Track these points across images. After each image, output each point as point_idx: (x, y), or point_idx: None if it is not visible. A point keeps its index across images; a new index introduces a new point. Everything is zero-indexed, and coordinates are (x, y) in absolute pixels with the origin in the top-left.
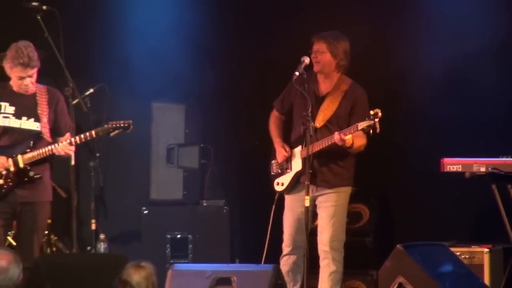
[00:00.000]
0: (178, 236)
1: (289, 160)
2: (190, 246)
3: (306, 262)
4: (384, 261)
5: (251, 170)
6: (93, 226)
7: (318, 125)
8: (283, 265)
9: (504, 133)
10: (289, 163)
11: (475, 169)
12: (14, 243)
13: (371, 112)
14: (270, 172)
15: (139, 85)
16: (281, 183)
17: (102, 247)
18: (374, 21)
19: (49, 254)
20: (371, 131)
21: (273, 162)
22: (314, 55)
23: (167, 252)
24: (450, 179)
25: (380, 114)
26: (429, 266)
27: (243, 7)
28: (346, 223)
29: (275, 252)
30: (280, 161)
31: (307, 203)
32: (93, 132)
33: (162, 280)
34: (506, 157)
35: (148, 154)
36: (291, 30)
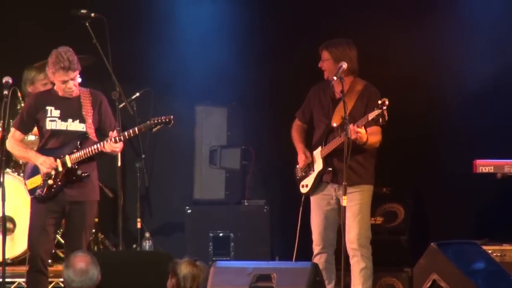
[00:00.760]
0: (220, 234)
1: (311, 163)
2: (232, 244)
3: (343, 260)
4: (418, 259)
5: (291, 171)
6: (138, 225)
7: (335, 124)
8: (317, 263)
9: None
10: (311, 166)
11: (507, 170)
12: (63, 241)
13: (379, 101)
14: (295, 176)
15: (183, 88)
16: (305, 185)
17: (147, 245)
18: (409, 26)
19: (96, 252)
20: (381, 120)
21: (297, 166)
22: (320, 64)
23: (210, 250)
24: (482, 180)
25: (387, 102)
26: (462, 264)
27: (288, 11)
28: (381, 222)
29: (304, 254)
30: (301, 165)
31: (344, 203)
32: (136, 128)
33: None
34: None
35: (191, 155)
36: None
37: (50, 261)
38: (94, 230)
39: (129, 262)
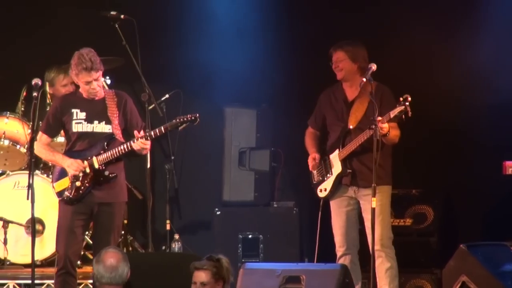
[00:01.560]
0: (250, 236)
1: (329, 166)
2: (261, 245)
3: (372, 261)
4: (448, 260)
5: None
6: (167, 226)
7: (351, 126)
8: None
9: None
10: (329, 169)
11: None
12: (91, 243)
13: (401, 98)
14: (312, 181)
15: (213, 90)
16: (324, 189)
17: (176, 247)
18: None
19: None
20: (404, 116)
21: (313, 172)
22: (335, 65)
23: (239, 251)
24: (511, 181)
25: (409, 99)
26: (491, 265)
27: (317, 14)
28: (410, 224)
29: (327, 259)
30: (310, 169)
31: (374, 205)
32: (162, 127)
33: (234, 278)
34: None
35: (221, 157)
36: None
37: (79, 262)
38: (123, 232)
39: (158, 263)
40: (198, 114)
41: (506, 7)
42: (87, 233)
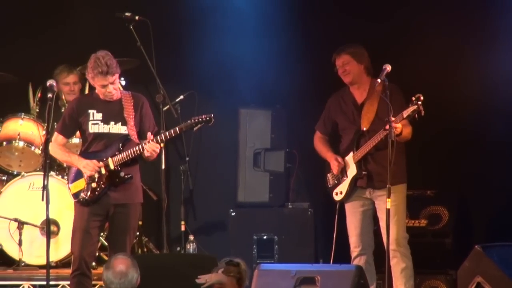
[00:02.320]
0: (264, 237)
1: (343, 169)
2: (276, 246)
3: (387, 261)
4: (463, 261)
5: None
6: (182, 228)
7: (364, 128)
8: None
9: None
10: (344, 172)
11: None
12: (106, 244)
13: (413, 97)
14: (327, 185)
15: (227, 91)
16: (339, 192)
17: (191, 248)
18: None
19: (140, 255)
20: (416, 116)
21: (328, 175)
22: (342, 69)
23: (254, 252)
24: None
25: (422, 98)
26: (507, 266)
27: (332, 16)
28: (425, 225)
29: (342, 261)
30: (335, 172)
31: (388, 205)
32: (177, 128)
33: (248, 279)
34: None
35: (235, 158)
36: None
37: (94, 263)
38: (138, 233)
39: (173, 265)
40: (212, 115)
41: None
42: (102, 234)
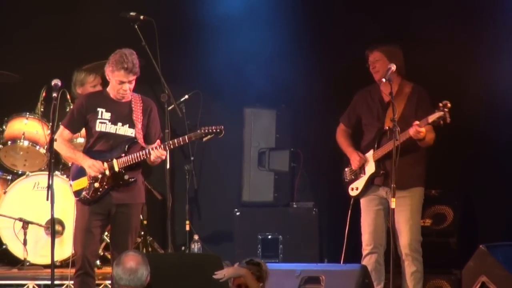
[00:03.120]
0: (269, 236)
1: (362, 165)
2: (281, 246)
3: (392, 262)
4: (467, 261)
5: (339, 173)
6: (187, 227)
7: (387, 127)
8: (366, 264)
9: None
10: (362, 168)
11: None
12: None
13: (440, 104)
14: (344, 179)
15: (232, 91)
16: (355, 188)
17: (195, 247)
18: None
19: (145, 254)
20: (442, 122)
21: (346, 169)
22: (372, 66)
23: (258, 252)
24: None
25: (449, 105)
26: (511, 266)
27: (337, 17)
28: (430, 225)
29: (353, 257)
30: (355, 167)
31: (393, 205)
32: (186, 137)
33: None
34: None
35: (240, 157)
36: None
37: (98, 263)
38: (142, 232)
39: (178, 264)
40: (223, 127)
41: None
42: (106, 233)
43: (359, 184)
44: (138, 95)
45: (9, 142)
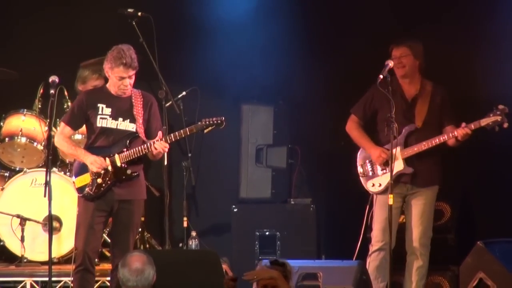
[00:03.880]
0: (267, 233)
1: (385, 162)
2: (278, 242)
3: (390, 259)
4: (465, 257)
5: (337, 170)
6: (185, 224)
7: (418, 125)
8: (373, 260)
9: None
10: (385, 165)
11: None
12: (109, 240)
13: (499, 106)
14: (360, 173)
15: (230, 87)
16: (377, 184)
17: (193, 244)
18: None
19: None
20: (497, 128)
21: (365, 163)
22: (398, 61)
23: (256, 248)
24: None
25: (507, 110)
26: (509, 262)
27: (335, 13)
28: None
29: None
30: (379, 162)
31: (391, 201)
32: (187, 129)
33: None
34: None
35: (238, 154)
36: (379, 38)
37: (96, 260)
38: (140, 229)
39: (175, 261)
40: (224, 118)
41: None
42: (105, 230)
43: (383, 180)
44: (138, 91)
45: (6, 139)
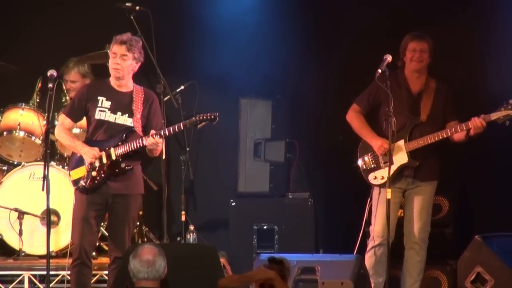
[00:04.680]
0: (265, 227)
1: (386, 153)
2: (276, 237)
3: (388, 253)
4: (463, 251)
5: (335, 164)
6: (183, 218)
7: (423, 119)
8: (373, 255)
9: None
10: (388, 157)
11: None
12: (107, 234)
13: (511, 101)
14: (362, 166)
15: (228, 81)
16: (379, 177)
17: (191, 238)
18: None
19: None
20: (507, 122)
21: (366, 156)
22: (418, 54)
23: (254, 242)
24: None
25: None
26: (506, 256)
27: (332, 9)
28: None
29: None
30: (380, 154)
31: (389, 196)
32: (181, 124)
33: (248, 269)
34: None
35: (236, 148)
36: (376, 33)
37: (94, 253)
38: (138, 223)
39: (173, 255)
40: (217, 113)
41: None
42: (103, 224)
43: (385, 173)
44: (141, 87)
45: (4, 133)
